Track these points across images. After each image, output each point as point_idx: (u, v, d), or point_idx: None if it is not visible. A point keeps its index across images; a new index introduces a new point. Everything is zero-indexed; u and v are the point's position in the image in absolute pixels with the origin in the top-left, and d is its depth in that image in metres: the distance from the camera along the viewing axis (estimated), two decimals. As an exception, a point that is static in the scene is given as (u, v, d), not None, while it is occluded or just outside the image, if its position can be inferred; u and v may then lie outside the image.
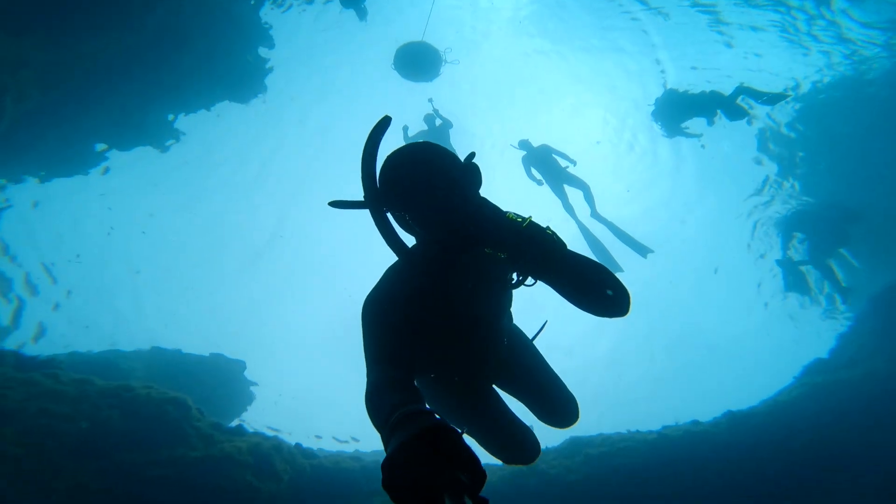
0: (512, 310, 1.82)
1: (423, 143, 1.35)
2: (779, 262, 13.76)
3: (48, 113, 7.33)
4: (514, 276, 1.49)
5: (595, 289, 1.25)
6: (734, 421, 8.30)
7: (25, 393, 5.19)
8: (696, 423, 9.06)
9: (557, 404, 1.84)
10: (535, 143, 9.80)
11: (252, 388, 13.73)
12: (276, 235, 25.43)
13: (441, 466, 0.57)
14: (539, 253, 1.19)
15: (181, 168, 17.76)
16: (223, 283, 25.83)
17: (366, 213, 1.34)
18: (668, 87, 11.89)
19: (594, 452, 8.17)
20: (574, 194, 9.83)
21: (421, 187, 1.25)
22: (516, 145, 9.83)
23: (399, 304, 1.31)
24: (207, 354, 13.00)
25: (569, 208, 9.65)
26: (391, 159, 1.32)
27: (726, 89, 8.92)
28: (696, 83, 11.97)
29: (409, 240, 1.56)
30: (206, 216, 22.87)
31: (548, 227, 1.29)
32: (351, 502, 6.35)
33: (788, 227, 12.92)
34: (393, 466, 0.58)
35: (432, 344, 1.49)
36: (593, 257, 9.38)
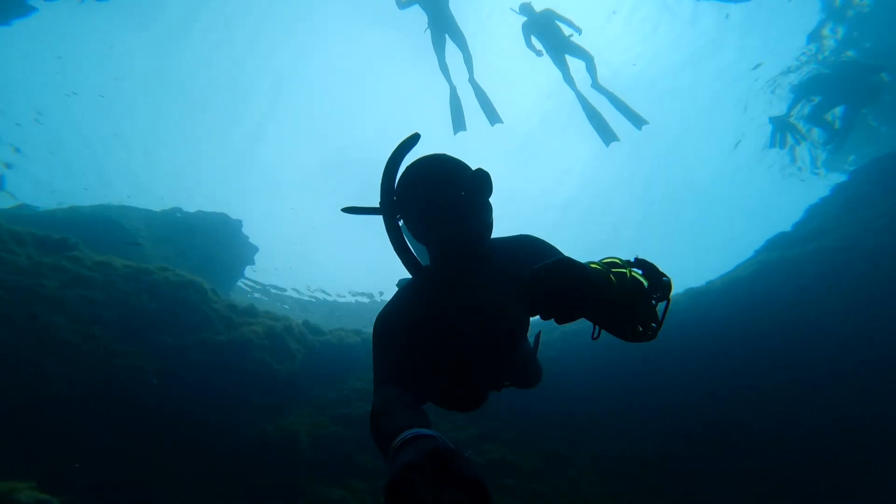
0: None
1: (441, 156, 1.35)
2: (771, 119, 14.31)
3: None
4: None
5: (631, 332, 1.13)
6: (694, 297, 8.88)
7: (59, 280, 5.80)
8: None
9: (532, 382, 1.95)
10: (538, 7, 9.08)
11: (252, 247, 14.73)
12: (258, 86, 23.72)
13: (445, 488, 0.58)
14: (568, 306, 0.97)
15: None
16: (209, 140, 24.95)
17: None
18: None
19: (570, 328, 9.47)
20: (575, 65, 9.48)
21: (439, 201, 1.25)
22: (516, 9, 9.04)
23: (408, 325, 1.33)
24: (199, 211, 13.52)
25: (569, 80, 9.56)
26: (410, 171, 1.32)
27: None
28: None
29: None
30: (183, 69, 21.05)
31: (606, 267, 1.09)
32: (355, 375, 7.75)
33: (805, 89, 12.88)
34: (396, 488, 0.58)
35: (442, 366, 1.50)
36: (590, 126, 9.52)
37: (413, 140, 1.32)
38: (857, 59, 12.25)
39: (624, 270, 1.07)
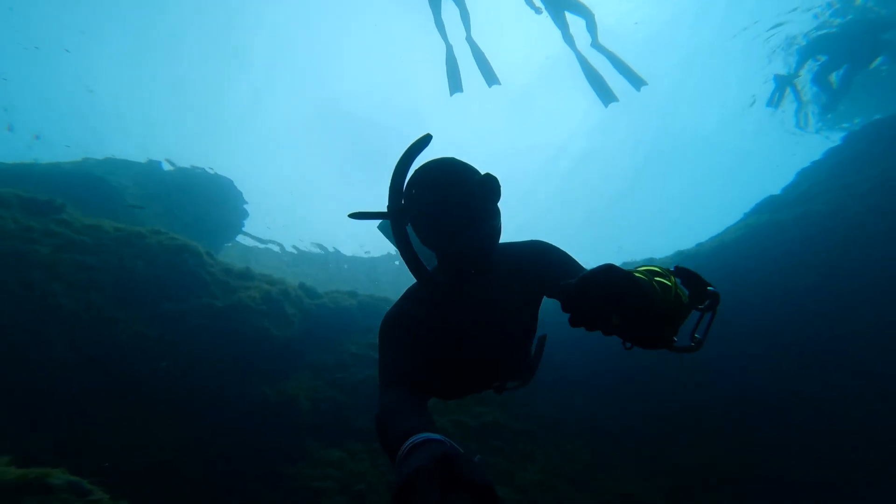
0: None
1: (450, 160, 1.33)
2: (776, 78, 14.37)
3: None
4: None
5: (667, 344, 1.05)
6: (682, 261, 9.01)
7: (51, 245, 5.75)
8: (650, 260, 10.55)
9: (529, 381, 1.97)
10: None
11: (245, 206, 14.51)
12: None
13: (453, 493, 0.59)
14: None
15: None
16: (193, 92, 23.80)
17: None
18: None
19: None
20: (575, 24, 9.30)
21: (447, 206, 1.25)
22: None
23: (415, 327, 1.33)
24: (191, 167, 13.21)
25: (568, 39, 9.44)
26: (418, 175, 1.31)
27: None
28: None
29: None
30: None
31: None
32: (351, 338, 7.97)
33: (811, 49, 12.84)
34: (404, 493, 0.58)
35: (447, 369, 1.51)
36: (589, 86, 9.49)
37: (424, 142, 1.30)
38: (867, 15, 12.00)
39: (667, 281, 0.98)
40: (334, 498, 4.74)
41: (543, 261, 1.47)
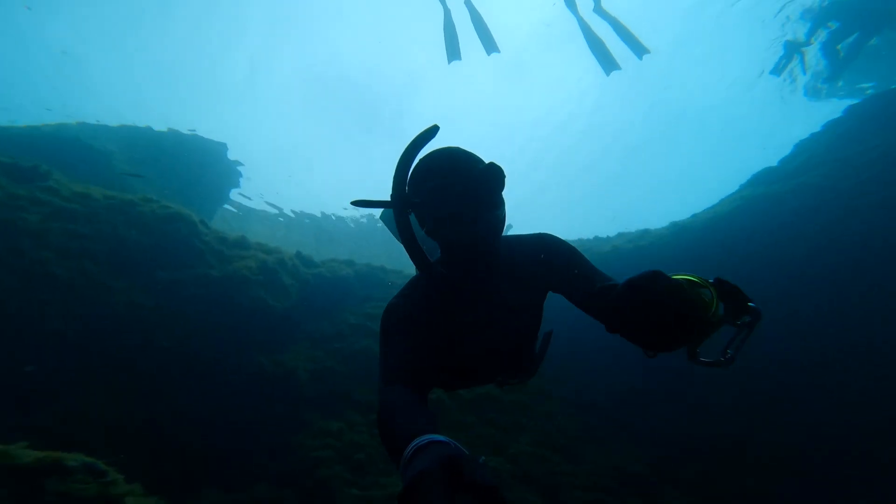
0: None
1: (455, 149, 1.32)
2: (786, 44, 14.19)
3: None
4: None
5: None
6: (678, 232, 9.26)
7: (40, 213, 5.61)
8: (645, 231, 10.69)
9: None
10: None
11: (239, 169, 14.21)
12: None
13: (459, 496, 0.59)
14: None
15: None
16: (185, 57, 22.76)
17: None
18: None
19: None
20: None
21: (451, 195, 1.23)
22: None
23: (418, 318, 1.32)
24: (173, 130, 12.78)
25: (571, 3, 9.24)
26: (422, 163, 1.30)
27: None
28: None
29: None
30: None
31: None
32: (348, 308, 8.03)
33: (824, 15, 12.65)
34: (410, 497, 0.58)
35: (450, 361, 1.50)
36: (591, 53, 9.34)
37: (431, 133, 1.26)
38: None
39: (707, 294, 0.91)
40: (334, 467, 4.86)
41: (551, 255, 1.46)
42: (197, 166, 12.23)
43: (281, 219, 20.52)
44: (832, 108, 16.26)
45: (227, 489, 4.61)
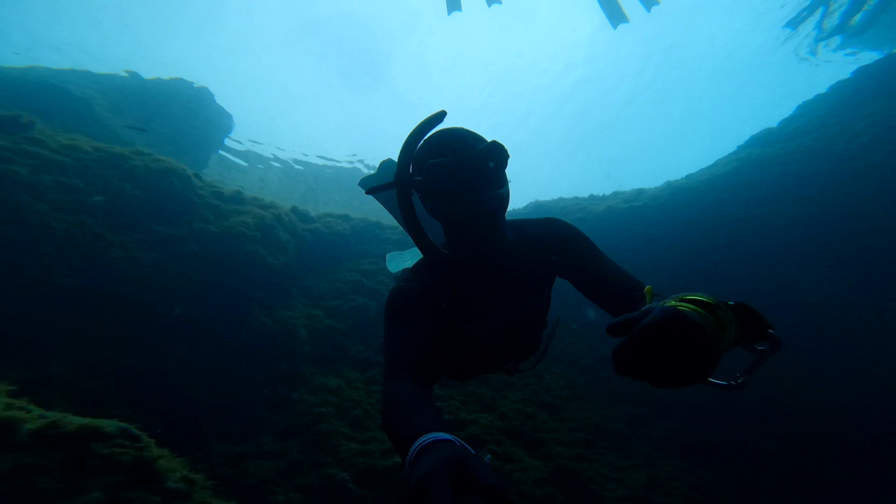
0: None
1: (459, 129, 1.33)
2: None
3: None
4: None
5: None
6: (673, 193, 9.30)
7: (31, 166, 5.53)
8: (640, 191, 10.68)
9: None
10: None
11: (227, 115, 13.76)
12: None
13: (464, 497, 0.59)
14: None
15: None
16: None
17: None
18: None
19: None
20: None
21: (456, 171, 1.24)
22: None
23: (423, 302, 1.32)
24: (157, 79, 12.27)
25: None
26: (427, 142, 1.32)
27: None
28: None
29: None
30: None
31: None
32: (345, 265, 8.19)
33: None
34: (416, 498, 0.58)
35: (456, 346, 1.51)
36: (598, 4, 9.08)
37: (438, 118, 1.27)
38: None
39: (725, 319, 0.82)
40: (334, 423, 5.17)
41: (559, 240, 1.46)
42: (183, 114, 11.84)
43: (276, 164, 20.11)
44: (850, 67, 15.91)
45: (234, 442, 4.93)
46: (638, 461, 5.48)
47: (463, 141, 1.27)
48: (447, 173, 1.23)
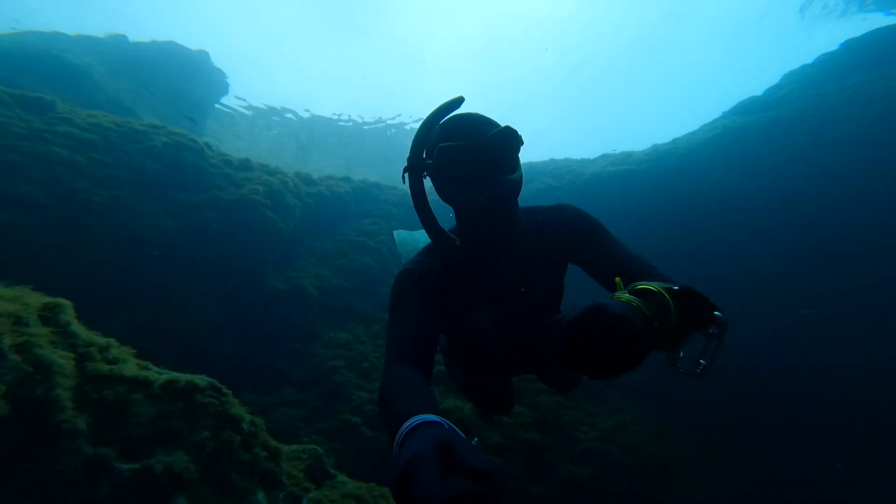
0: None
1: (474, 113, 1.35)
2: None
3: None
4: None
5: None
6: (658, 158, 9.98)
7: (65, 146, 6.39)
8: (628, 155, 11.23)
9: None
10: None
11: (224, 75, 14.21)
12: None
13: (452, 478, 0.61)
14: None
15: None
16: None
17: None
18: None
19: (544, 183, 10.53)
20: None
21: (471, 154, 1.25)
22: None
23: (430, 289, 1.35)
24: (153, 41, 12.62)
25: None
26: (442, 126, 1.33)
27: None
28: None
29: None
30: None
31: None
32: (348, 225, 9.22)
33: None
34: (403, 481, 0.60)
35: (464, 336, 1.56)
36: None
37: (455, 104, 1.31)
38: None
39: (666, 302, 0.90)
40: (346, 374, 6.30)
41: (572, 227, 1.49)
42: (178, 77, 12.36)
43: (275, 118, 20.49)
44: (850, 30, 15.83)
45: (262, 393, 6.01)
46: (610, 408, 6.67)
47: (475, 125, 1.29)
48: (458, 157, 1.26)
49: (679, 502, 5.59)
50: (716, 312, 0.93)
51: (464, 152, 1.25)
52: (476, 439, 0.76)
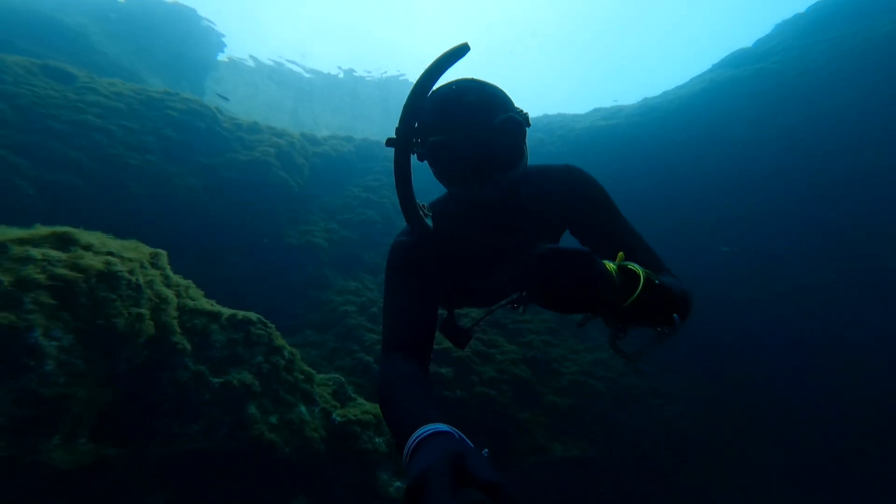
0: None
1: (477, 87, 1.17)
2: None
3: None
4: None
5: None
6: (647, 111, 10.54)
7: (97, 114, 7.25)
8: (619, 109, 12.01)
9: None
10: None
11: (217, 34, 14.62)
12: None
13: (464, 491, 0.62)
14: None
15: None
16: None
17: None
18: None
19: (535, 138, 11.23)
20: None
21: (475, 125, 1.12)
22: None
23: (424, 262, 1.33)
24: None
25: None
26: (439, 100, 1.16)
27: None
28: None
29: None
30: None
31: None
32: (352, 181, 10.19)
33: None
34: (414, 494, 0.61)
35: (460, 302, 1.64)
36: None
37: (459, 53, 1.13)
38: None
39: (635, 276, 0.96)
40: (357, 318, 7.33)
41: (577, 196, 1.41)
42: (173, 35, 12.85)
43: (273, 73, 20.75)
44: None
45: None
46: (591, 346, 7.70)
47: (473, 111, 1.13)
48: (451, 153, 1.14)
49: (644, 422, 6.74)
50: (673, 315, 1.00)
51: (460, 149, 1.13)
52: (486, 450, 0.79)
